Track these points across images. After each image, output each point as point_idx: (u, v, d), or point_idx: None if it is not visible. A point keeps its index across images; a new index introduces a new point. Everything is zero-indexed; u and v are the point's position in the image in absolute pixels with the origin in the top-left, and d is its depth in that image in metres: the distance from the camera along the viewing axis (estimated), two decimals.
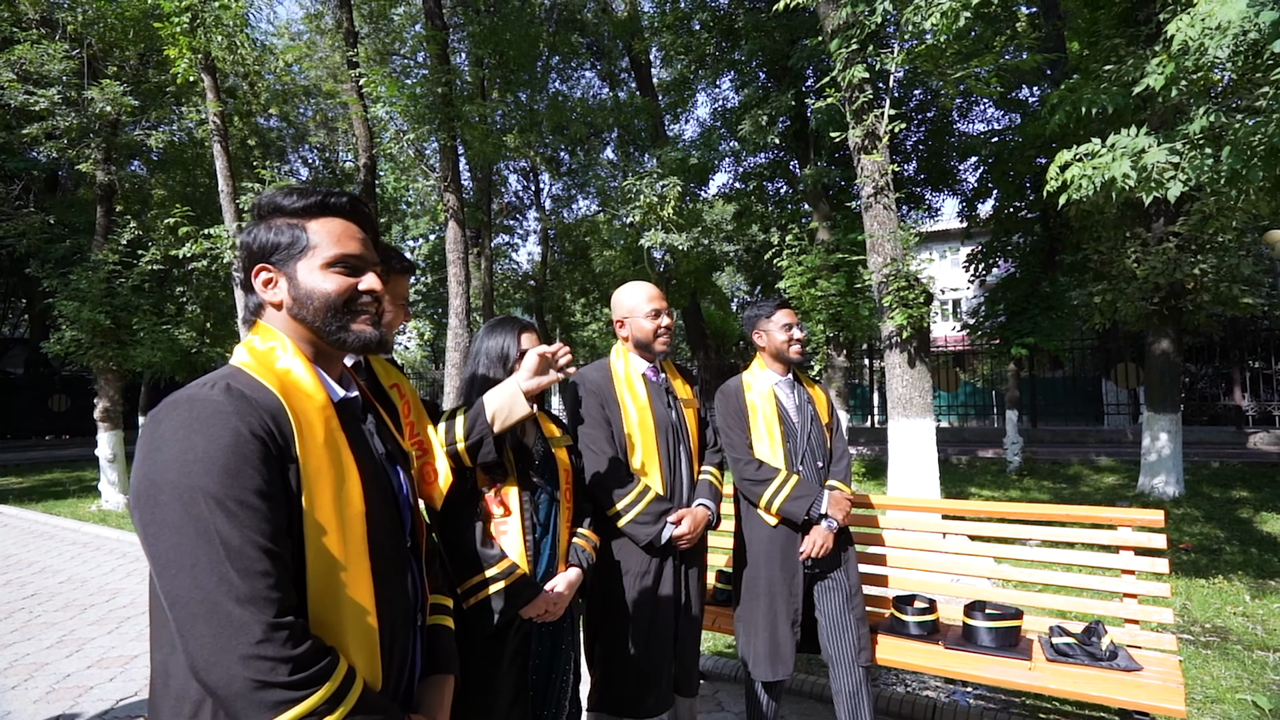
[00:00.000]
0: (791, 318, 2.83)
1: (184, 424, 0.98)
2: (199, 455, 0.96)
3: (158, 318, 10.19)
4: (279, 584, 0.96)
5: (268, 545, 0.96)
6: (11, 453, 19.53)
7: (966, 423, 20.12)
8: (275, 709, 0.92)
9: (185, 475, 0.95)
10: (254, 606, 0.92)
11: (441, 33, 9.83)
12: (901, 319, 5.64)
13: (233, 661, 0.91)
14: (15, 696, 3.69)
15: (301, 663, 0.94)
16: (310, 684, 0.95)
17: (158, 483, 0.96)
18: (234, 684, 0.91)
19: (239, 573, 0.93)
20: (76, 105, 9.57)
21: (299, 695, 0.93)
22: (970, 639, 2.84)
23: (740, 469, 2.72)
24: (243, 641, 0.91)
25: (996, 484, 9.99)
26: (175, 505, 0.94)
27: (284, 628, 0.94)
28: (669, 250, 11.38)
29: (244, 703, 0.92)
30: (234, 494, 0.95)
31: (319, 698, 0.95)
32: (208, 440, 0.96)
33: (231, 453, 0.97)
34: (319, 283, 1.16)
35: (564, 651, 2.11)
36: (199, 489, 0.94)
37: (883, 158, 5.93)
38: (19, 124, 10.79)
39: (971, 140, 12.01)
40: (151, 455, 0.98)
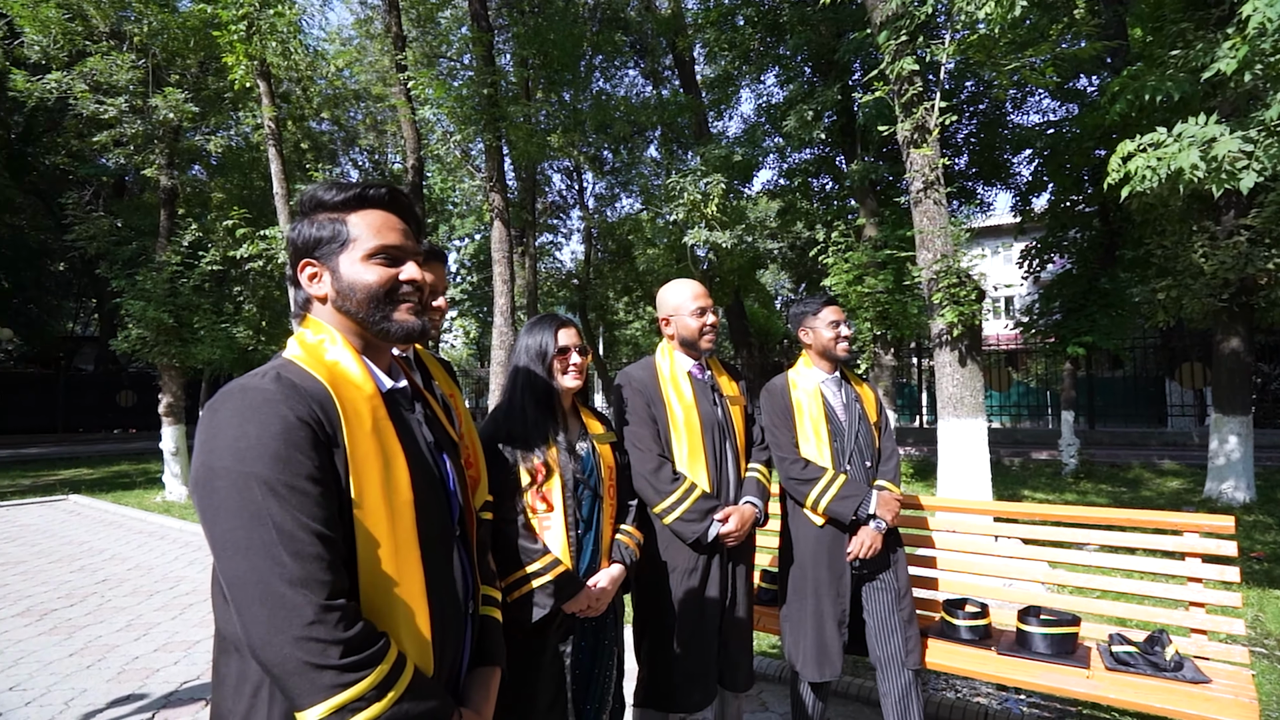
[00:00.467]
0: (839, 314, 2.79)
1: (237, 412, 1.01)
2: (251, 442, 0.98)
3: (217, 316, 10.60)
4: (330, 567, 0.98)
5: (319, 529, 0.98)
6: (83, 445, 20.52)
7: (1019, 424, 19.54)
8: (327, 691, 0.94)
9: (239, 461, 0.98)
10: (306, 589, 0.94)
11: (487, 34, 9.96)
12: (952, 316, 5.50)
13: (286, 642, 0.93)
14: (89, 676, 3.88)
15: (353, 645, 0.96)
16: (361, 667, 0.96)
17: (214, 468, 0.99)
18: (287, 664, 0.93)
19: (291, 555, 0.95)
20: (142, 113, 9.99)
21: (350, 679, 0.95)
22: (1024, 645, 2.75)
23: (786, 468, 2.68)
24: (295, 623, 0.93)
25: (1051, 487, 9.68)
26: (230, 490, 0.97)
27: (335, 610, 0.96)
28: (712, 248, 11.31)
29: (297, 682, 0.94)
30: (285, 479, 0.98)
31: (369, 682, 0.96)
32: (259, 427, 0.99)
33: (282, 439, 0.99)
34: (361, 274, 1.18)
35: (606, 647, 2.12)
36: (252, 474, 0.97)
37: (933, 151, 5.78)
38: (90, 132, 11.33)
39: (1026, 132, 11.64)
40: (208, 442, 1.01)
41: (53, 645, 4.34)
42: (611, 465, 2.16)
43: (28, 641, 4.41)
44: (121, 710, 3.45)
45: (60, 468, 14.72)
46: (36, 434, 21.76)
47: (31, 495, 10.72)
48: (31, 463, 15.79)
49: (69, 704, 3.53)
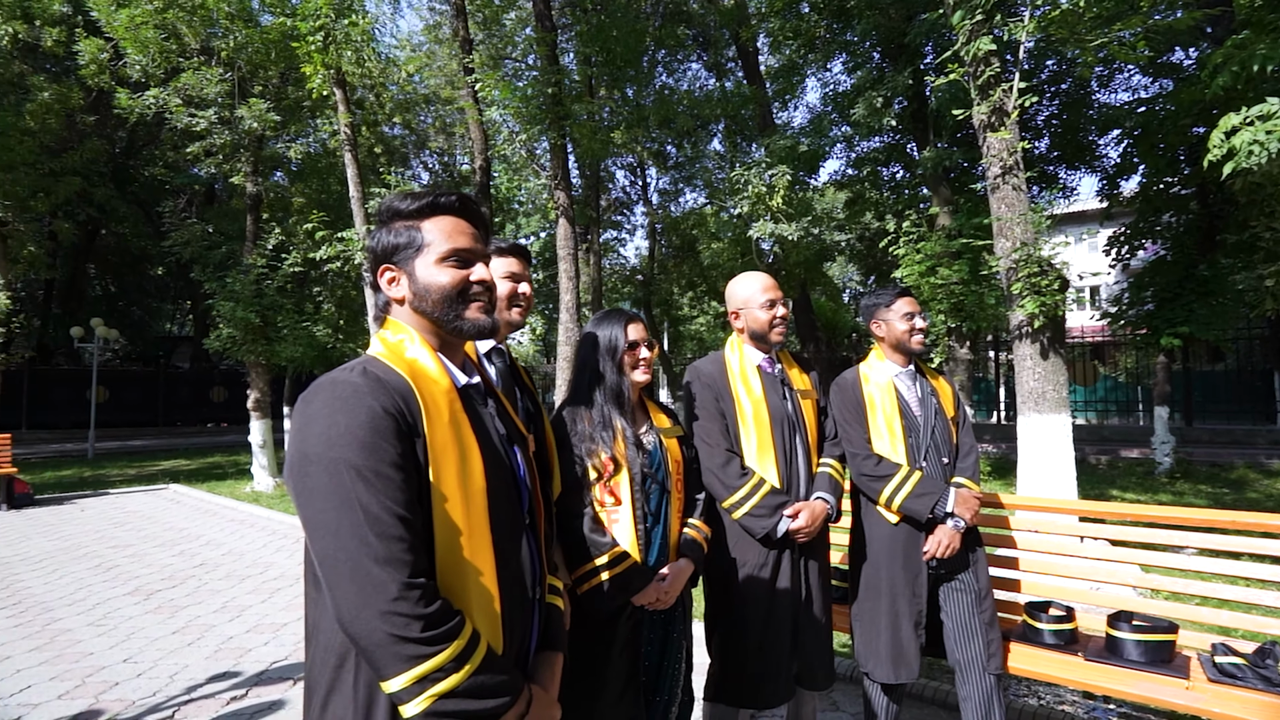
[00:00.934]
0: (913, 306, 2.70)
1: (328, 403, 1.09)
2: (341, 431, 1.06)
3: (299, 316, 11.12)
4: (412, 548, 1.05)
5: (401, 512, 1.05)
6: (180, 438, 21.92)
7: (1106, 420, 18.53)
8: (409, 662, 1.01)
9: (330, 448, 1.05)
10: (390, 567, 1.01)
11: (550, 34, 10.08)
12: (1033, 307, 5.25)
13: (372, 616, 1.00)
14: (190, 652, 4.15)
15: (432, 620, 1.02)
16: (439, 641, 1.02)
17: (308, 455, 1.07)
18: (374, 636, 1.00)
19: (377, 536, 1.02)
20: (229, 124, 10.57)
21: (430, 651, 1.01)
22: (1115, 651, 2.61)
23: (858, 464, 2.62)
24: (381, 598, 1.00)
25: (1142, 487, 9.14)
26: (322, 475, 1.05)
27: (417, 588, 1.02)
28: (778, 241, 11.14)
29: (382, 654, 1.01)
30: (371, 465, 1.05)
31: (447, 655, 1.03)
32: (348, 417, 1.07)
33: (368, 428, 1.06)
34: (435, 276, 1.25)
35: (675, 640, 2.12)
36: (342, 460, 1.04)
37: (1011, 135, 5.53)
38: (183, 144, 12.06)
39: (1114, 111, 10.96)
40: (302, 431, 1.09)
41: (158, 623, 4.66)
42: (678, 459, 2.16)
43: (137, 619, 4.75)
44: (218, 686, 3.67)
45: (161, 458, 15.77)
46: (140, 427, 23.37)
47: (137, 484, 11.52)
48: (136, 454, 16.97)
49: (173, 678, 3.78)
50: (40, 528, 7.99)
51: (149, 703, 3.48)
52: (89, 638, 4.40)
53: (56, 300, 22.75)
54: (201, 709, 3.41)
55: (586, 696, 1.92)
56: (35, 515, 8.79)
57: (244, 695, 3.57)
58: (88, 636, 4.42)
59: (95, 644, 4.29)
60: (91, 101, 12.96)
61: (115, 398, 22.91)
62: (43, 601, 5.15)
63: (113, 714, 3.35)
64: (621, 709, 1.93)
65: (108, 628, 4.58)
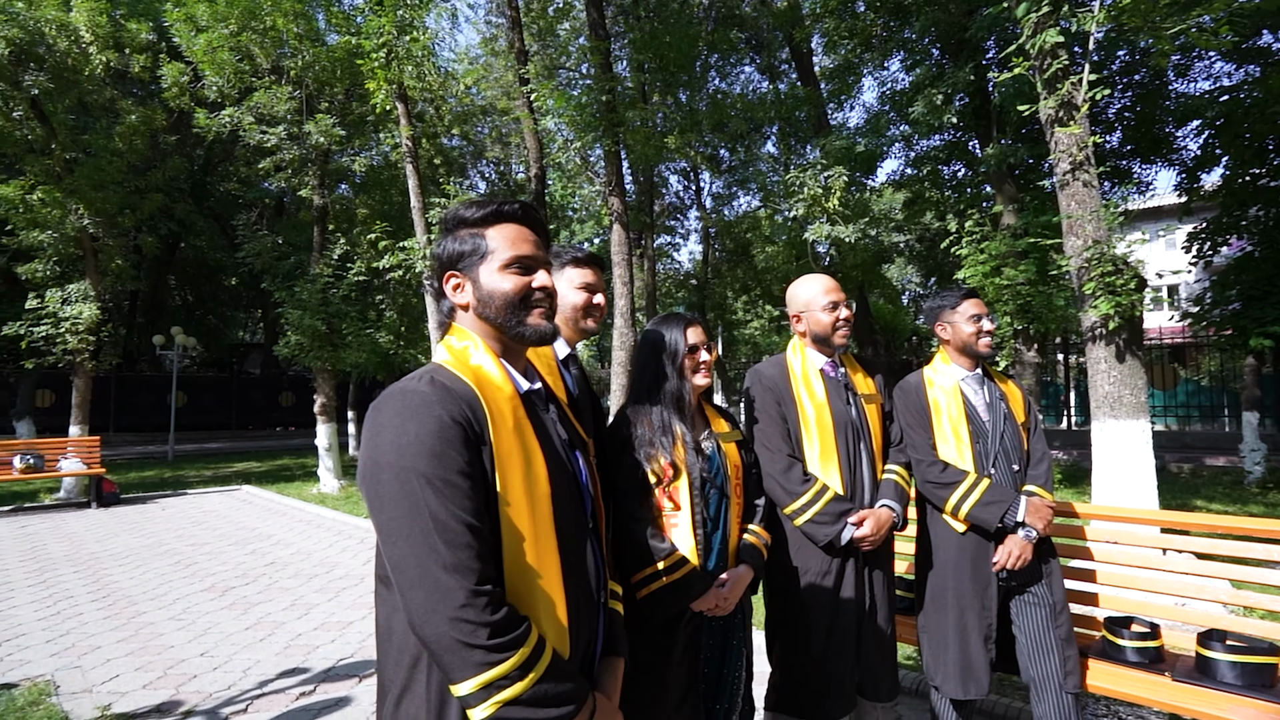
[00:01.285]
0: (980, 308, 2.61)
1: (399, 413, 1.12)
2: (411, 439, 1.08)
3: (362, 323, 11.51)
4: (479, 555, 1.07)
5: (469, 520, 1.07)
6: (250, 441, 22.89)
7: (1188, 426, 17.54)
8: (477, 668, 1.03)
9: (401, 457, 1.08)
10: (458, 574, 1.04)
11: (604, 42, 10.17)
12: (1107, 308, 5.01)
13: (441, 621, 1.02)
14: (262, 648, 4.31)
15: (499, 627, 1.04)
16: (506, 649, 1.04)
17: (379, 463, 1.09)
18: (442, 641, 1.03)
19: (445, 544, 1.04)
20: (297, 139, 11.02)
21: (497, 658, 1.03)
22: (1207, 672, 2.45)
23: (923, 471, 2.54)
24: (449, 604, 1.02)
25: (1230, 497, 8.61)
26: (393, 483, 1.07)
27: (484, 594, 1.05)
28: (834, 243, 10.95)
29: (451, 658, 1.03)
30: (440, 474, 1.07)
31: (513, 663, 1.04)
32: (418, 426, 1.09)
33: (437, 437, 1.08)
34: (498, 283, 1.28)
35: (735, 647, 2.09)
36: (412, 469, 1.07)
37: (1081, 129, 5.30)
38: (255, 160, 12.64)
39: (1193, 101, 10.39)
40: (374, 439, 1.12)
41: (232, 619, 4.86)
42: (738, 464, 2.14)
43: (213, 614, 4.97)
44: (288, 681, 3.80)
45: (234, 460, 16.50)
46: (215, 430, 24.55)
47: (213, 485, 12.09)
48: (212, 456, 17.80)
49: (246, 672, 3.93)
50: (126, 525, 8.45)
51: (224, 695, 3.63)
52: (170, 631, 4.62)
53: (140, 310, 24.10)
54: (273, 703, 3.54)
55: (646, 703, 1.90)
56: (122, 513, 9.30)
57: (312, 691, 3.68)
58: (169, 630, 4.64)
59: (175, 637, 4.50)
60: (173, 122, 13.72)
61: (193, 402, 24.14)
62: (129, 595, 5.44)
63: (190, 705, 3.51)
64: (681, 715, 1.91)
65: (186, 622, 4.80)
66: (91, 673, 3.92)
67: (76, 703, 3.51)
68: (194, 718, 3.38)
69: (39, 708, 3.42)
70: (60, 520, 8.86)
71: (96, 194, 10.67)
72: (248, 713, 3.43)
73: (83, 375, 11.06)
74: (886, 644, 2.40)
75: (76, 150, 11.01)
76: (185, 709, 3.47)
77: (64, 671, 3.92)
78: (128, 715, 3.40)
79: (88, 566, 6.36)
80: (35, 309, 10.76)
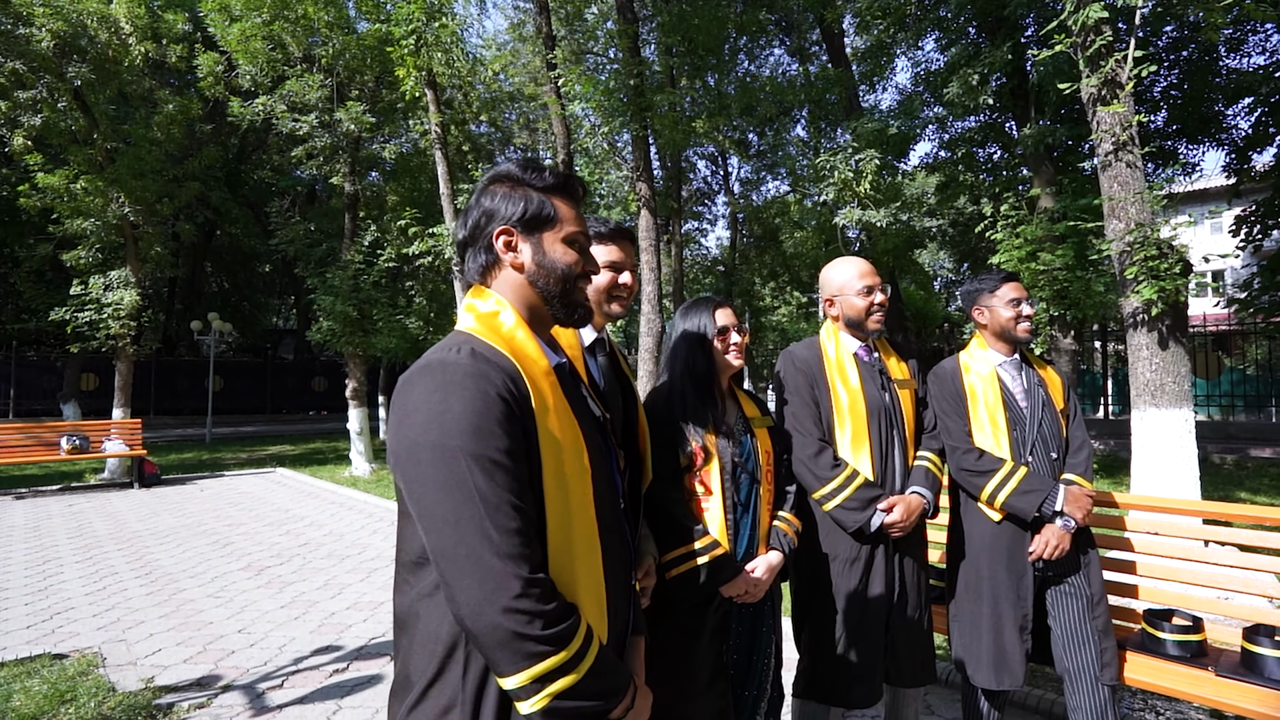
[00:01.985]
0: (1019, 292, 2.54)
1: (438, 388, 1.03)
2: (455, 416, 1.01)
3: (392, 309, 11.65)
4: (530, 541, 1.01)
5: (518, 503, 1.01)
6: (284, 425, 23.39)
7: (1232, 416, 17.01)
8: (529, 660, 0.98)
9: (444, 435, 1.00)
10: (513, 562, 0.98)
11: (632, 26, 10.08)
12: (1150, 293, 4.85)
13: (496, 612, 0.96)
14: (297, 626, 4.41)
15: (552, 618, 0.99)
16: (558, 641, 1.00)
17: (418, 442, 1.02)
18: (496, 633, 0.97)
19: (497, 529, 0.98)
20: (329, 127, 11.14)
21: (548, 650, 0.99)
22: (1253, 668, 2.38)
23: (958, 458, 2.49)
24: (505, 594, 0.97)
25: (1277, 489, 8.35)
26: (437, 463, 1.00)
27: (538, 584, 1.00)
28: (865, 228, 10.77)
29: (503, 651, 0.98)
30: (488, 453, 1.00)
31: (564, 655, 1.00)
32: (462, 402, 1.01)
33: (483, 414, 1.01)
34: (562, 255, 1.23)
35: (764, 634, 2.08)
36: (458, 448, 0.99)
37: (1125, 108, 5.12)
38: (288, 148, 12.81)
39: (1246, 77, 9.96)
40: (410, 416, 1.04)
41: (268, 597, 4.98)
42: (769, 449, 2.12)
43: (250, 593, 5.10)
44: (322, 659, 3.89)
45: (269, 444, 16.88)
46: (250, 414, 25.12)
47: (248, 467, 12.39)
48: (247, 439, 18.23)
49: (281, 649, 4.03)
50: (167, 505, 8.70)
51: (261, 671, 3.72)
52: (209, 608, 4.75)
53: (179, 296, 24.69)
54: (308, 679, 3.62)
55: (674, 685, 1.90)
56: (163, 494, 9.58)
57: (345, 668, 3.76)
58: (208, 607, 4.77)
59: (214, 614, 4.63)
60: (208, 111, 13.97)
61: (229, 386, 24.71)
62: (169, 573, 5.60)
63: (229, 680, 3.60)
64: (710, 699, 1.91)
65: (225, 599, 4.94)
66: (136, 646, 4.05)
67: (122, 674, 3.64)
68: (232, 691, 3.48)
69: (88, 678, 3.55)
70: (105, 500, 9.15)
71: (136, 182, 10.93)
72: (283, 688, 3.52)
73: (125, 359, 11.37)
74: (916, 632, 2.36)
75: (117, 140, 11.27)
76: (224, 683, 3.57)
77: (110, 644, 4.06)
78: (170, 687, 3.51)
79: (131, 544, 6.57)
80: (79, 295, 11.08)
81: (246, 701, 3.37)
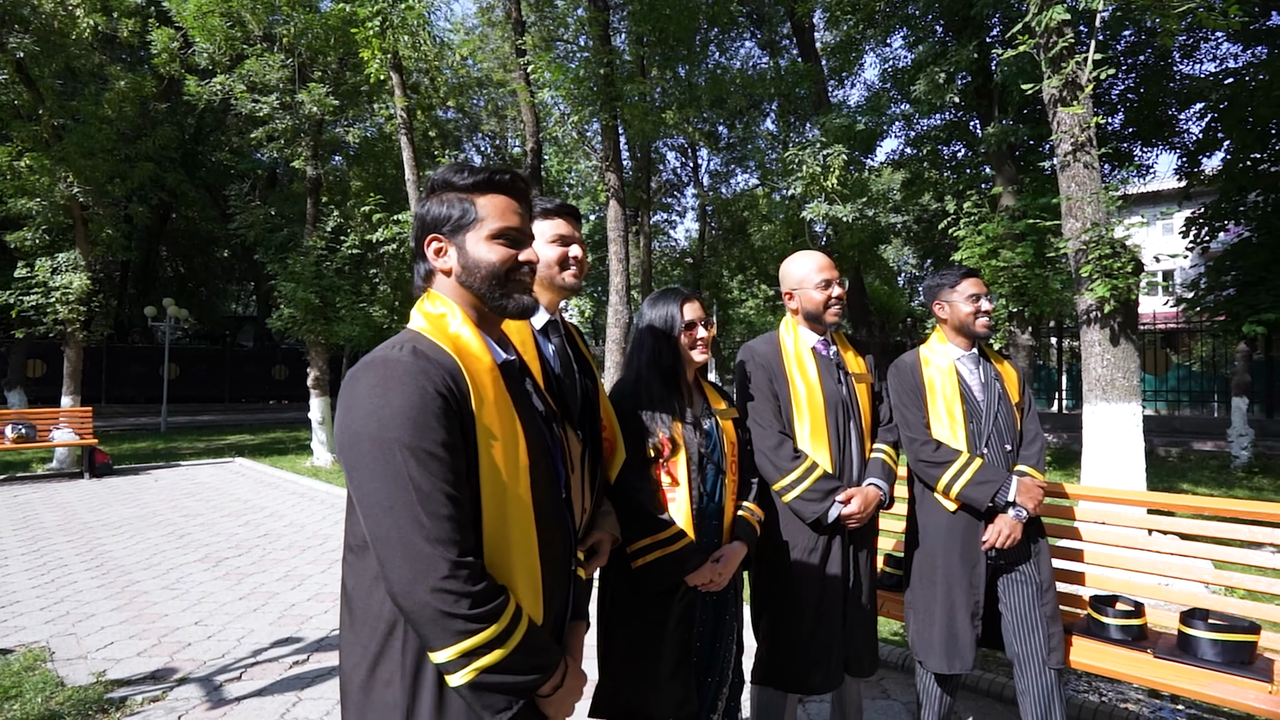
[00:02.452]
0: (979, 287, 2.60)
1: (380, 382, 1.10)
2: (393, 410, 1.07)
3: (356, 297, 11.43)
4: (461, 526, 1.08)
5: (452, 492, 1.08)
6: (245, 414, 22.86)
7: (1178, 411, 17.67)
8: (457, 637, 1.05)
9: (383, 428, 1.07)
10: (441, 546, 1.05)
11: (603, 14, 10.01)
12: (1104, 291, 5.01)
13: (424, 592, 1.04)
14: (255, 618, 4.34)
15: (479, 598, 1.06)
16: (485, 619, 1.07)
17: (359, 434, 1.09)
18: (425, 611, 1.04)
19: (429, 515, 1.05)
20: (290, 109, 10.85)
21: (476, 627, 1.06)
22: (1188, 650, 2.49)
23: (916, 450, 2.55)
24: (432, 576, 1.04)
25: (1217, 481, 8.70)
26: (375, 454, 1.07)
27: (465, 566, 1.06)
28: (831, 223, 10.90)
29: (432, 628, 1.05)
30: (424, 445, 1.07)
31: (492, 632, 1.07)
32: (401, 397, 1.08)
33: (420, 408, 1.08)
34: (485, 253, 1.26)
35: (728, 622, 2.12)
36: (395, 440, 1.06)
37: (1084, 110, 5.26)
38: (248, 129, 12.45)
39: (1198, 83, 10.29)
40: (353, 409, 1.11)
41: (226, 589, 4.89)
42: (734, 441, 2.15)
43: (207, 584, 4.99)
44: (282, 650, 3.83)
45: (227, 433, 16.49)
46: (208, 403, 24.46)
47: (206, 457, 12.09)
48: (205, 428, 17.78)
49: (240, 641, 3.96)
50: (119, 496, 8.46)
51: (219, 663, 3.66)
52: (164, 600, 4.64)
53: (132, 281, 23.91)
54: (267, 671, 3.57)
55: (639, 672, 1.93)
56: (114, 484, 9.31)
57: (306, 660, 3.72)
58: (163, 599, 4.66)
59: (169, 606, 4.53)
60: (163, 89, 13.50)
61: (185, 374, 24.01)
62: (122, 565, 5.46)
63: (185, 673, 3.53)
64: (673, 686, 1.93)
65: (180, 591, 4.83)
66: (86, 640, 3.94)
67: (71, 669, 3.54)
68: (188, 685, 3.41)
69: (34, 673, 3.44)
70: (53, 490, 8.86)
71: (86, 161, 10.52)
72: (242, 680, 3.46)
73: (74, 345, 10.99)
74: (868, 620, 2.43)
75: (65, 116, 10.82)
76: (180, 676, 3.50)
77: (59, 638, 3.95)
78: (122, 681, 3.43)
79: (81, 536, 6.37)
80: (25, 278, 10.66)
81: (203, 694, 3.31)
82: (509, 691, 1.11)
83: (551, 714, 1.22)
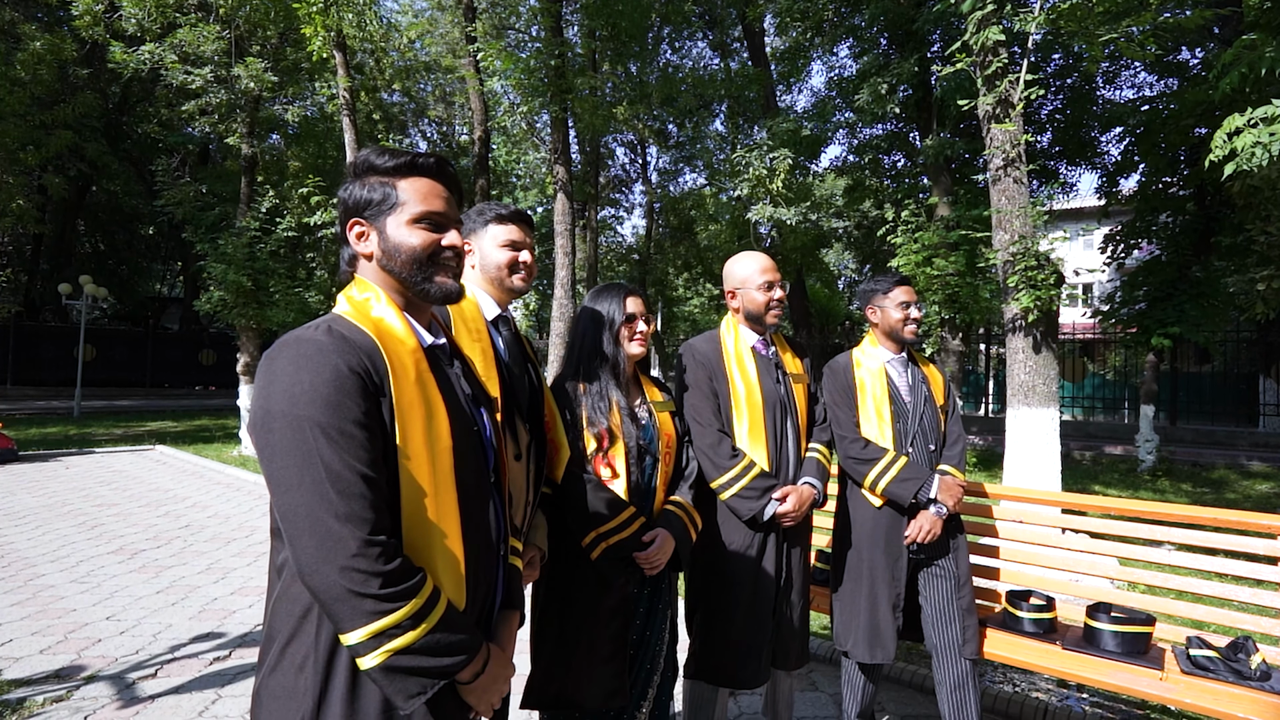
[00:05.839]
0: (910, 295, 2.70)
1: (293, 361, 1.09)
2: (305, 388, 1.06)
3: (291, 281, 11.02)
4: (373, 505, 1.06)
5: (364, 471, 1.06)
6: (168, 399, 21.81)
7: (1092, 417, 18.69)
8: (367, 617, 1.03)
9: (294, 405, 1.05)
10: (351, 524, 1.03)
11: (555, 5, 9.93)
12: (1028, 301, 5.27)
13: (332, 570, 1.02)
14: (174, 613, 4.15)
15: (391, 578, 1.04)
16: (398, 599, 1.04)
17: (271, 412, 1.07)
18: (332, 590, 1.02)
19: (338, 493, 1.03)
20: (225, 83, 10.38)
21: (388, 607, 1.03)
22: (1092, 641, 2.65)
23: (845, 447, 2.64)
24: (340, 554, 1.02)
25: (1125, 483, 9.25)
26: (286, 432, 1.05)
27: (376, 545, 1.04)
28: (776, 225, 11.10)
29: (341, 608, 1.03)
30: (335, 423, 1.05)
31: (405, 612, 1.04)
32: (313, 375, 1.07)
33: (333, 386, 1.06)
34: (405, 237, 1.24)
35: (660, 611, 2.15)
36: (305, 418, 1.05)
37: (1016, 127, 5.51)
38: (179, 102, 11.85)
39: (1118, 108, 10.92)
40: (266, 388, 1.09)
41: (142, 582, 4.66)
42: (670, 433, 2.18)
43: (121, 577, 4.75)
44: (203, 646, 3.69)
45: (148, 419, 15.68)
46: (127, 387, 23.21)
47: (123, 444, 11.48)
48: (123, 414, 16.87)
49: (156, 636, 3.79)
50: (25, 484, 7.96)
51: (132, 660, 3.49)
52: (72, 594, 4.40)
53: (45, 256, 22.46)
54: (185, 668, 3.43)
55: (573, 661, 1.95)
56: (20, 471, 8.75)
57: (228, 656, 3.58)
58: (71, 593, 4.42)
59: (78, 601, 4.29)
60: (85, 54, 12.70)
61: (103, 357, 22.72)
62: (26, 557, 5.15)
63: (93, 670, 3.36)
64: (607, 672, 1.95)
65: (91, 585, 4.58)
66: None
67: None
68: (97, 683, 3.25)
69: None
70: None
71: None
72: (157, 677, 3.32)
73: None
74: (800, 616, 2.50)
75: None
76: (88, 674, 3.33)
77: None
78: (21, 681, 3.24)
79: None
80: None
81: (114, 693, 3.16)
82: (424, 674, 1.08)
83: (473, 703, 1.19)
